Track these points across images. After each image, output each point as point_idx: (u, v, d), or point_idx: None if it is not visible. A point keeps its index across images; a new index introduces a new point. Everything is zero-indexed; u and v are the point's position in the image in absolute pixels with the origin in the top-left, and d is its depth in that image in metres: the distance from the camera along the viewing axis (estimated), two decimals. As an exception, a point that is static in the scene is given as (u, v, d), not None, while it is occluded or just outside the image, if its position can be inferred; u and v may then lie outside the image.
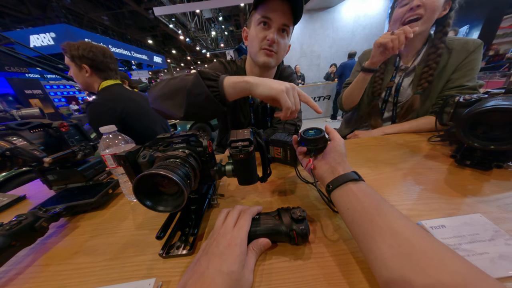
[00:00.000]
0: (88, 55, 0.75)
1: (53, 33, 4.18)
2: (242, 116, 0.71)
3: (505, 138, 0.33)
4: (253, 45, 0.56)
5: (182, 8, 4.86)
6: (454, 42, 0.60)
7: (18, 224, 0.28)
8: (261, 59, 0.56)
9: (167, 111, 0.38)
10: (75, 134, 0.49)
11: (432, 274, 0.15)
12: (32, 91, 3.68)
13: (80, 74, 0.78)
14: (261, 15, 0.51)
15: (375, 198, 0.23)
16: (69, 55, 0.75)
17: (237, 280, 0.20)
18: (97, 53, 0.77)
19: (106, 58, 0.80)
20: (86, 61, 0.76)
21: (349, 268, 0.23)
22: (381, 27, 4.47)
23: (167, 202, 0.25)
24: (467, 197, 0.31)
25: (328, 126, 0.36)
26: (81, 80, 0.80)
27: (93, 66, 0.77)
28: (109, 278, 0.25)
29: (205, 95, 0.34)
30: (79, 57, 0.75)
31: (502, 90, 0.38)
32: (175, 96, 0.35)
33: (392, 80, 0.69)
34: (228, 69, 0.66)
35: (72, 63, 0.76)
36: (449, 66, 0.60)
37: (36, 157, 0.40)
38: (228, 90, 0.35)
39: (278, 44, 0.55)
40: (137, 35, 10.77)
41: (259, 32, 0.54)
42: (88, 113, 0.74)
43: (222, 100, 0.35)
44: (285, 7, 0.50)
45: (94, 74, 0.79)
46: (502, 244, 0.23)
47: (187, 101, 0.35)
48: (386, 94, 0.71)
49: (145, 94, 1.01)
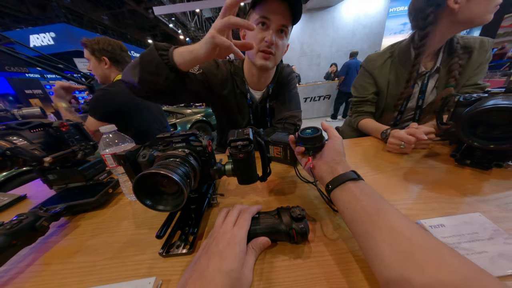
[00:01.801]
0: (108, 48, 0.82)
1: (53, 33, 4.19)
2: (240, 116, 0.71)
3: (505, 138, 0.33)
4: None
5: (182, 7, 4.85)
6: (471, 41, 0.58)
7: (18, 223, 0.28)
8: (259, 62, 0.56)
9: (127, 79, 0.42)
10: (75, 133, 0.49)
11: (431, 273, 0.15)
12: (32, 91, 3.69)
13: (100, 66, 0.84)
14: (260, 15, 0.51)
15: (375, 197, 0.23)
16: (89, 49, 0.81)
17: (236, 278, 0.20)
18: (115, 46, 0.84)
19: (123, 52, 0.87)
20: (106, 53, 0.82)
21: (349, 267, 0.23)
22: (382, 26, 4.45)
23: (167, 202, 0.26)
24: (467, 196, 0.31)
25: (324, 123, 0.36)
26: (100, 72, 0.85)
27: (111, 58, 0.84)
28: (110, 277, 0.25)
29: (156, 61, 0.38)
30: (99, 50, 0.81)
31: (502, 89, 0.38)
32: (136, 65, 0.40)
33: (411, 88, 0.64)
34: (221, 68, 0.65)
35: (92, 56, 0.82)
36: (471, 64, 0.58)
37: (36, 156, 0.40)
38: (177, 58, 0.38)
39: (276, 46, 0.54)
40: (137, 34, 10.76)
41: (257, 33, 0.53)
42: (92, 97, 0.78)
43: (173, 68, 0.39)
44: (284, 7, 0.50)
45: (113, 66, 0.85)
46: (501, 243, 0.23)
47: (140, 66, 0.39)
48: (402, 105, 0.66)
49: None
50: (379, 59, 0.69)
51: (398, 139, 0.49)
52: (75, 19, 7.96)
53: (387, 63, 0.67)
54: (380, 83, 0.69)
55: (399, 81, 0.66)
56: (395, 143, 0.50)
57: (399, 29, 4.46)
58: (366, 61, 0.73)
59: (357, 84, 0.76)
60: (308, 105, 3.98)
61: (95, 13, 8.21)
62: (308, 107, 4.00)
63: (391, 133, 0.53)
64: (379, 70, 0.69)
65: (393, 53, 0.67)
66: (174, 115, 2.82)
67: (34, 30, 4.23)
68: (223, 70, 0.65)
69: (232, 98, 0.68)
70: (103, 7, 8.13)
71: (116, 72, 0.87)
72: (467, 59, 0.58)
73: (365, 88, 0.72)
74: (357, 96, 0.75)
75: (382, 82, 0.69)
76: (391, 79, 0.67)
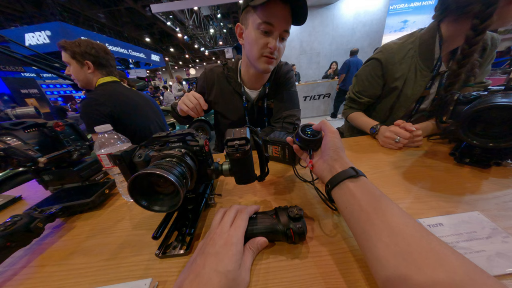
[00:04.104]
0: (91, 52, 0.76)
1: (48, 31, 4.12)
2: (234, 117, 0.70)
3: (504, 136, 0.33)
4: (252, 50, 0.54)
5: (180, 5, 4.79)
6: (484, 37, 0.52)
7: (13, 224, 0.28)
8: (262, 66, 0.55)
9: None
10: (71, 133, 0.49)
11: (428, 273, 0.15)
12: (28, 91, 3.65)
13: (82, 71, 0.78)
14: (263, 20, 0.48)
15: (374, 195, 0.22)
16: (69, 52, 0.74)
17: (233, 279, 0.20)
18: (99, 50, 0.78)
19: (108, 55, 0.82)
20: (89, 57, 0.76)
21: (347, 267, 0.22)
22: (382, 24, 4.43)
23: (163, 202, 0.25)
24: (466, 195, 0.31)
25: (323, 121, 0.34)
26: (82, 77, 0.79)
27: (95, 62, 0.78)
28: (105, 278, 0.25)
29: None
30: (82, 53, 0.75)
31: (502, 87, 0.37)
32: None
33: (427, 89, 0.56)
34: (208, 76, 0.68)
35: (73, 60, 0.75)
36: (485, 61, 0.55)
37: (30, 157, 0.39)
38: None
39: (278, 50, 0.54)
40: (134, 33, 10.63)
41: (259, 37, 0.51)
42: (80, 108, 0.74)
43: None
44: (287, 11, 0.48)
45: (97, 70, 0.80)
46: (499, 241, 0.22)
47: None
48: (415, 108, 0.59)
49: (144, 93, 1.00)
50: (399, 52, 0.57)
51: (393, 133, 0.49)
52: (71, 17, 7.84)
53: (408, 56, 0.56)
54: (394, 82, 0.59)
55: (417, 79, 0.56)
56: (391, 137, 0.50)
57: (399, 26, 4.44)
58: (383, 53, 0.59)
59: (360, 77, 0.68)
60: (307, 104, 3.97)
61: (91, 11, 8.09)
62: (308, 105, 3.98)
63: (387, 128, 0.53)
64: (398, 65, 0.57)
65: (414, 43, 0.55)
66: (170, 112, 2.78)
67: (29, 28, 4.16)
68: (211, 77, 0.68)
69: (222, 100, 0.69)
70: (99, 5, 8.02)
71: (99, 76, 0.81)
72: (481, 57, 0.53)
73: (365, 88, 0.67)
74: (354, 93, 0.71)
75: (398, 80, 0.58)
76: (409, 76, 0.56)
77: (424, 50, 0.54)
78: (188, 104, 0.55)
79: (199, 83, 0.71)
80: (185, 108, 0.55)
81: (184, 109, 0.56)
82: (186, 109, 0.55)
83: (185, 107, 0.55)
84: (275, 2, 0.46)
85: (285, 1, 0.47)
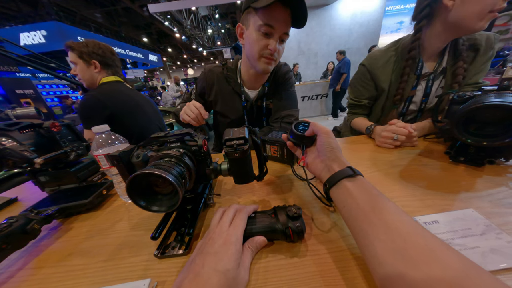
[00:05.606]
0: (98, 52, 0.79)
1: (44, 31, 4.06)
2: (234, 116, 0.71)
3: (497, 135, 0.34)
4: (252, 50, 0.55)
5: (178, 5, 4.76)
6: (477, 38, 0.55)
7: (8, 226, 0.28)
8: (261, 66, 0.57)
9: None
10: (68, 134, 0.48)
11: (424, 270, 0.15)
12: (24, 91, 3.58)
13: (88, 70, 0.80)
14: (264, 22, 0.49)
15: (371, 194, 0.23)
16: (77, 52, 0.76)
17: (232, 278, 0.20)
18: (105, 50, 0.81)
19: (114, 56, 0.85)
20: (96, 57, 0.79)
21: (345, 265, 0.23)
22: (378, 25, 4.47)
23: (162, 202, 0.25)
24: (461, 193, 0.32)
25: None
26: (88, 76, 0.81)
27: (102, 61, 0.81)
28: (104, 279, 0.25)
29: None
30: (89, 53, 0.77)
31: (495, 87, 0.38)
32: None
33: (413, 89, 0.60)
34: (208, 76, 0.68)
35: (80, 60, 0.78)
36: (476, 63, 0.56)
37: (26, 158, 0.39)
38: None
39: (278, 52, 0.55)
40: (131, 33, 10.55)
41: (260, 39, 0.52)
42: (79, 104, 0.75)
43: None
44: (287, 15, 0.49)
45: (103, 70, 0.82)
46: (493, 238, 0.23)
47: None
48: (404, 106, 0.63)
49: (143, 93, 1.00)
50: (381, 58, 0.64)
51: (391, 132, 0.50)
52: (67, 17, 7.74)
53: (391, 61, 0.62)
54: (381, 83, 0.64)
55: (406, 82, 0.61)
56: (389, 136, 0.50)
57: (396, 27, 4.49)
58: (368, 60, 0.67)
59: (353, 85, 0.73)
60: (306, 104, 3.99)
61: (88, 11, 8.01)
62: (306, 106, 4.00)
63: (383, 127, 0.54)
64: (382, 69, 0.64)
65: (397, 50, 0.62)
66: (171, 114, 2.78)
67: (25, 28, 4.09)
68: (210, 78, 0.68)
69: (221, 99, 0.69)
70: (96, 5, 7.94)
71: (104, 75, 0.82)
72: (472, 58, 0.55)
73: (361, 93, 0.70)
74: (352, 99, 0.74)
75: (384, 82, 0.64)
76: (393, 79, 0.62)
77: (406, 54, 0.59)
78: (190, 114, 0.56)
79: (199, 85, 0.71)
80: (187, 119, 0.58)
81: (186, 120, 0.58)
82: (188, 119, 0.57)
83: (187, 118, 0.57)
84: (276, 6, 0.47)
85: (286, 5, 0.48)
